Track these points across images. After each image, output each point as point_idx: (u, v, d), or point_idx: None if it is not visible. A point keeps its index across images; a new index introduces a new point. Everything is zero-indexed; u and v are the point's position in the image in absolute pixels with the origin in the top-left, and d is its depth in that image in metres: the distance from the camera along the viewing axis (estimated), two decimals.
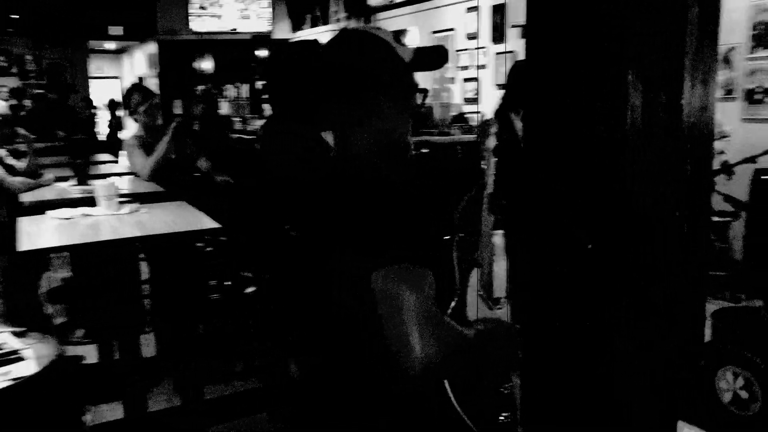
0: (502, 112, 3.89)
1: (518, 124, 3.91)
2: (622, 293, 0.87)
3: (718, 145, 5.03)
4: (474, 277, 1.50)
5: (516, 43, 7.46)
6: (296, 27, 12.74)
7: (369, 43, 1.32)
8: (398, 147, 1.35)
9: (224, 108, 11.94)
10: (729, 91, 5.41)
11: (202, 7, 11.90)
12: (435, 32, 8.66)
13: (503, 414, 1.33)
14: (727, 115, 5.29)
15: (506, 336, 1.31)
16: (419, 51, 1.36)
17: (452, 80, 8.22)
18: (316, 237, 1.36)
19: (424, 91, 1.65)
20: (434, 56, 1.40)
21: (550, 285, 0.92)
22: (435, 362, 1.10)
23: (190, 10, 11.76)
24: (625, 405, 0.92)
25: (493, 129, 1.61)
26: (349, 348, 1.33)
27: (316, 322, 1.73)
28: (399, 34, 9.25)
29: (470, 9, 8.04)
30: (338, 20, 10.97)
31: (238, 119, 11.41)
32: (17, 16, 12.18)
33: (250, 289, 3.48)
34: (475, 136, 1.60)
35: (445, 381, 1.30)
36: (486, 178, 1.48)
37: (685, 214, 0.83)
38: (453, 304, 1.80)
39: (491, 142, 1.55)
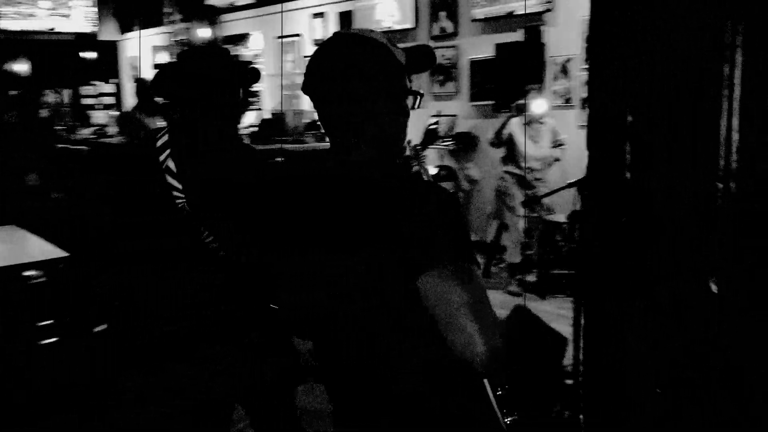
0: None
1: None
2: (636, 293, 0.86)
3: (554, 152, 5.37)
4: None
5: None
6: (125, 28, 11.89)
7: (366, 46, 1.28)
8: (390, 150, 1.32)
9: (43, 115, 10.80)
10: (567, 100, 5.76)
11: (11, 4, 10.66)
12: (280, 37, 8.43)
13: (508, 418, 1.34)
14: (567, 121, 5.64)
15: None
16: (408, 52, 1.33)
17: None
18: (275, 239, 1.39)
19: (418, 95, 1.54)
20: (424, 57, 1.38)
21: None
22: (497, 353, 1.12)
23: None
24: (639, 404, 0.92)
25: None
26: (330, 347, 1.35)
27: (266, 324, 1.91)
28: (240, 39, 8.91)
29: (316, 15, 7.92)
30: (173, 22, 10.38)
31: (61, 127, 10.38)
32: None
33: (100, 327, 2.99)
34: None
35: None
36: None
37: (700, 217, 0.80)
38: None
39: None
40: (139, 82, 6.27)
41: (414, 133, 1.40)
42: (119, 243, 1.99)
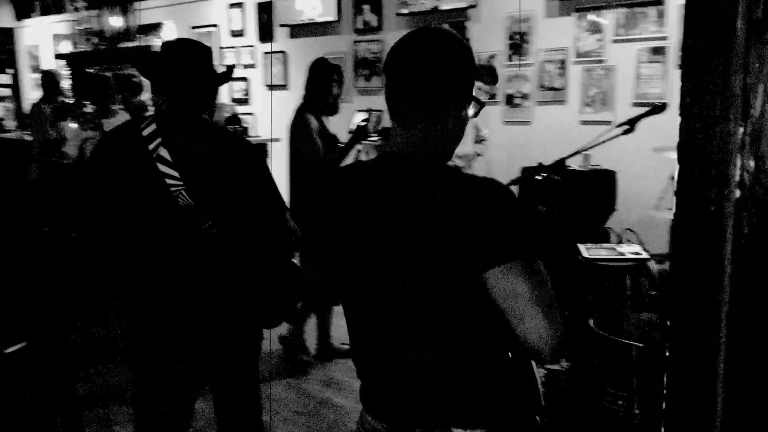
0: (301, 113, 3.75)
1: (314, 123, 3.77)
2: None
3: (476, 148, 5.42)
4: None
5: (285, 43, 7.29)
6: (22, 15, 11.10)
7: (455, 40, 1.30)
8: (435, 151, 1.31)
9: None
10: (492, 96, 5.83)
11: None
12: (195, 27, 8.11)
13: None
14: (491, 117, 5.71)
15: None
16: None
17: None
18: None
19: (482, 105, 1.52)
20: (490, 71, 1.43)
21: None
22: (562, 343, 1.20)
23: None
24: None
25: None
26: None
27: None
28: (153, 28, 8.50)
29: (233, 5, 7.66)
30: (76, 9, 9.78)
31: None
32: None
33: (15, 347, 2.70)
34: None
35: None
36: None
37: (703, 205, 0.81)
38: None
39: None
40: (45, 74, 5.86)
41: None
42: (118, 241, 1.97)
